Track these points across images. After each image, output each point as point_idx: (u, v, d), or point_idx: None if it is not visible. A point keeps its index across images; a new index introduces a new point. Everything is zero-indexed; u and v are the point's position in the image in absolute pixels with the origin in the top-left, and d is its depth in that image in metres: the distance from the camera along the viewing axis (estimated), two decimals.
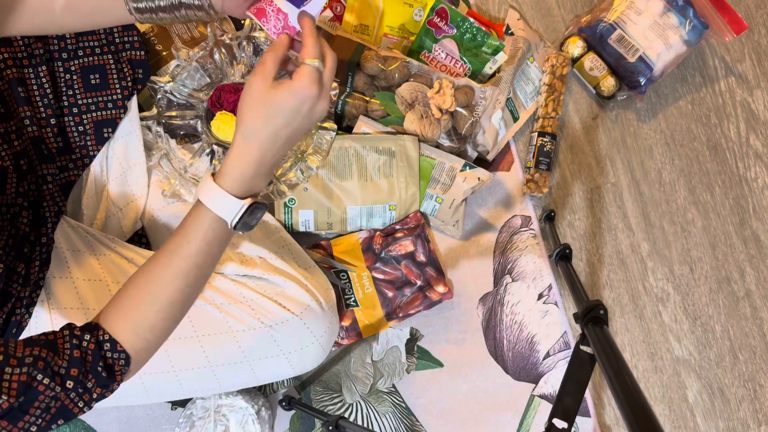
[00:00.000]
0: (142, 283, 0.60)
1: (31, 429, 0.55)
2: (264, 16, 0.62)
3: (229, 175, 0.59)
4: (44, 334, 0.57)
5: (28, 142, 0.81)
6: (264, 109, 0.58)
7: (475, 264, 1.04)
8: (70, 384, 0.55)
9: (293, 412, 1.02)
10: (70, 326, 0.58)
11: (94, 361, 0.56)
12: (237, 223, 0.60)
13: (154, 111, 0.91)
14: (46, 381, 0.54)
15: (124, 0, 0.58)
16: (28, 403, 0.54)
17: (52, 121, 0.84)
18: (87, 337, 0.56)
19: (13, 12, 0.59)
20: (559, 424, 0.59)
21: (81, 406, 0.57)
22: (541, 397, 1.01)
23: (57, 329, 0.58)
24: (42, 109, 0.83)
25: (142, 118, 0.90)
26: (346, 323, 0.99)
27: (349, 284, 1.01)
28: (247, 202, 0.59)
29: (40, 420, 0.55)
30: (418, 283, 1.00)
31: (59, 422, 0.57)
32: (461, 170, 0.98)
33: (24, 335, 0.78)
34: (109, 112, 0.88)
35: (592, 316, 0.64)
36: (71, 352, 0.56)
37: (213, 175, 0.60)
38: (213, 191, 0.59)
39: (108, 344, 0.57)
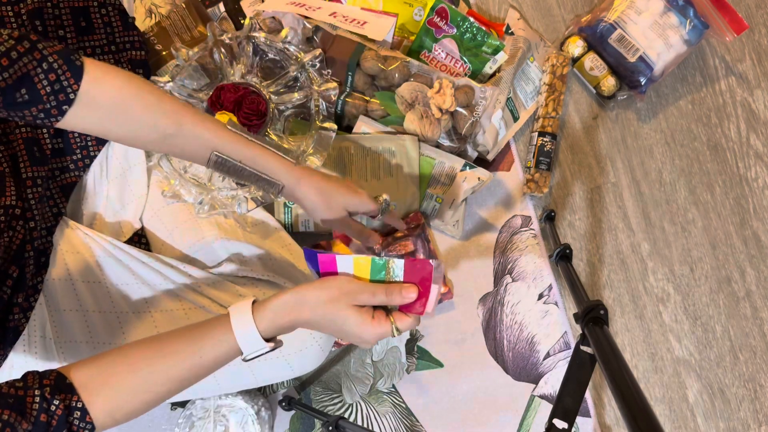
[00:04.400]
0: (139, 373, 0.59)
1: None
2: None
3: (266, 316, 0.60)
4: (14, 387, 0.55)
5: (21, 144, 0.80)
6: (333, 309, 0.60)
7: (475, 264, 1.04)
8: None
9: (293, 412, 1.02)
10: (40, 382, 0.56)
11: (58, 427, 0.55)
12: (250, 359, 0.61)
13: None
14: None
15: (209, 163, 0.67)
16: None
17: None
18: (56, 402, 0.55)
19: (127, 129, 0.63)
20: (560, 424, 0.59)
21: None
22: (541, 397, 1.01)
23: (29, 375, 0.56)
24: None
25: None
26: None
27: None
28: (270, 346, 0.61)
29: None
30: None
31: None
32: (461, 170, 0.98)
33: (21, 340, 0.78)
34: None
35: (592, 316, 0.64)
36: (38, 416, 0.54)
37: (254, 303, 0.61)
38: (246, 324, 0.60)
39: (78, 412, 0.56)
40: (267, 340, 0.61)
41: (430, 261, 0.59)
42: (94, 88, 0.59)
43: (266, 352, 0.61)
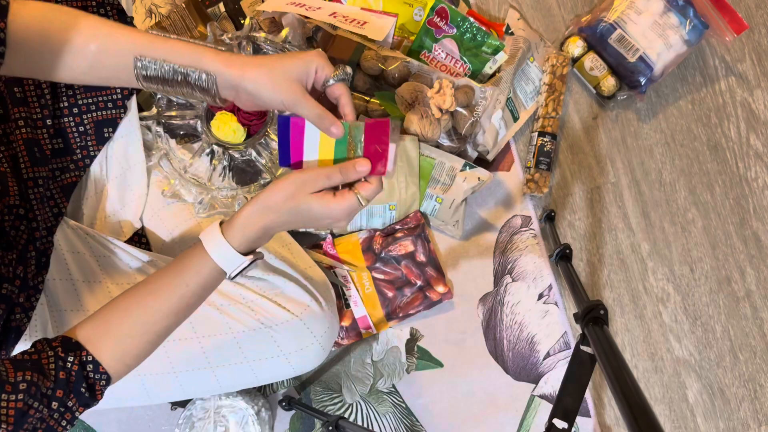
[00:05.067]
0: (135, 314, 0.61)
1: None
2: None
3: (236, 231, 0.62)
4: (27, 353, 0.57)
5: (22, 144, 0.80)
6: (295, 203, 0.61)
7: (475, 264, 1.04)
8: (54, 405, 0.57)
9: (293, 412, 1.02)
10: (50, 345, 0.58)
11: (77, 382, 0.58)
12: (235, 275, 0.64)
13: (154, 111, 0.91)
14: (36, 405, 0.55)
15: (135, 74, 0.62)
16: (18, 427, 0.54)
17: (49, 122, 0.83)
18: (71, 359, 0.58)
19: (53, 60, 0.61)
20: (560, 424, 0.59)
21: (64, 425, 0.58)
22: (541, 397, 1.01)
23: (38, 342, 0.59)
24: (38, 110, 0.83)
25: (141, 118, 0.90)
26: (346, 323, 0.99)
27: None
28: (249, 258, 0.63)
29: None
30: (418, 283, 1.00)
31: None
32: (461, 170, 0.98)
33: (23, 339, 0.78)
34: (109, 112, 0.88)
35: (592, 316, 0.64)
36: (57, 373, 0.57)
37: (222, 224, 0.63)
38: (219, 244, 0.62)
39: (91, 365, 0.59)
40: (245, 254, 0.63)
41: (388, 119, 0.62)
42: (18, 22, 0.58)
43: (248, 266, 0.63)
